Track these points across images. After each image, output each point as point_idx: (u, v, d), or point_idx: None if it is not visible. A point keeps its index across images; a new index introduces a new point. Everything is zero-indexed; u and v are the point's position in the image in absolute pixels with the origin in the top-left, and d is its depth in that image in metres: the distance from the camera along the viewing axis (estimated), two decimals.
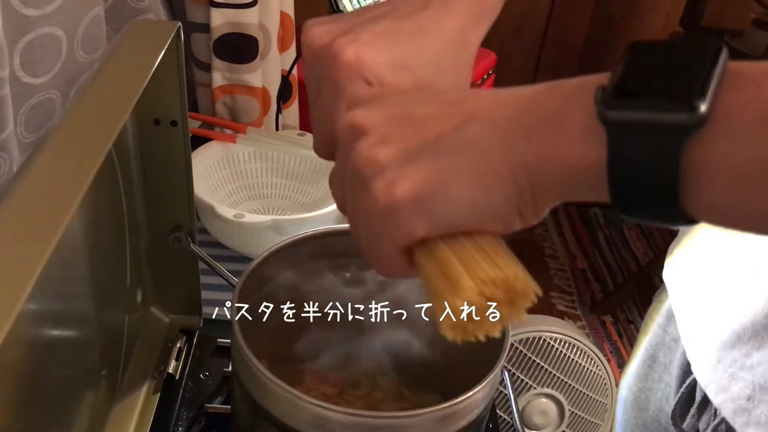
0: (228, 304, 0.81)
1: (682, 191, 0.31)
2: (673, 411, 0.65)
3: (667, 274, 0.72)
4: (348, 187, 0.40)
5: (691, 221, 0.32)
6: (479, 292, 0.36)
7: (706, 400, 0.61)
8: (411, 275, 0.41)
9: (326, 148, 0.47)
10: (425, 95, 0.41)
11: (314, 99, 0.48)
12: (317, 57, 0.45)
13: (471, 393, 0.52)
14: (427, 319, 0.69)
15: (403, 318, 0.69)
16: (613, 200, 0.33)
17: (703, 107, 0.29)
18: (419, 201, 0.36)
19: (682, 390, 0.64)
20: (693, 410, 0.63)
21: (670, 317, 0.71)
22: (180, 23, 0.61)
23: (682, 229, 0.75)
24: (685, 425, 0.63)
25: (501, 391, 0.74)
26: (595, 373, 1.32)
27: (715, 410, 0.59)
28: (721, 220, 0.32)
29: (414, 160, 0.37)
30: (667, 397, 0.71)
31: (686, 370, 0.66)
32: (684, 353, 0.66)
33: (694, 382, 0.63)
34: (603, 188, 0.33)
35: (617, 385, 1.00)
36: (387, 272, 0.42)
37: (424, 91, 0.42)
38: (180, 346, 0.75)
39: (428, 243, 0.38)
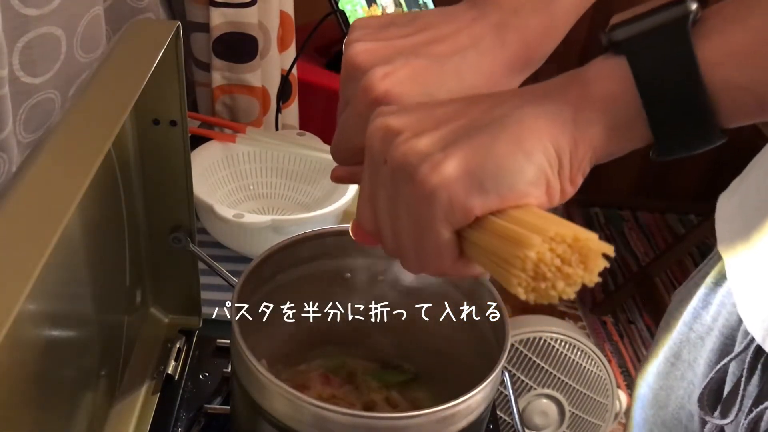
0: (228, 304, 0.81)
1: (706, 90, 0.36)
2: (701, 395, 0.65)
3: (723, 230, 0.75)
4: (385, 194, 0.41)
5: (724, 133, 0.39)
6: (550, 248, 0.36)
7: (735, 390, 0.61)
8: (461, 269, 0.41)
9: (347, 155, 0.48)
10: (446, 101, 0.42)
11: (343, 107, 0.48)
12: (352, 74, 0.46)
13: (471, 394, 0.52)
14: (427, 320, 0.69)
15: (403, 318, 0.69)
16: (652, 127, 0.38)
17: (693, 5, 0.36)
18: (469, 174, 0.38)
19: (711, 375, 0.64)
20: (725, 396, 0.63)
21: (696, 315, 0.71)
22: (179, 23, 0.61)
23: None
24: (715, 414, 0.64)
25: (501, 392, 0.74)
26: (595, 373, 1.32)
27: (742, 400, 0.60)
28: (743, 111, 0.39)
29: (453, 142, 0.38)
30: (690, 394, 0.71)
31: (713, 363, 0.66)
32: (711, 350, 0.66)
33: (724, 371, 0.63)
34: (638, 121, 0.38)
35: (630, 385, 1.01)
36: (437, 266, 0.41)
37: (443, 100, 0.44)
38: (179, 347, 0.75)
39: (480, 222, 0.38)
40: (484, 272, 0.42)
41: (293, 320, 0.69)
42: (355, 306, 0.69)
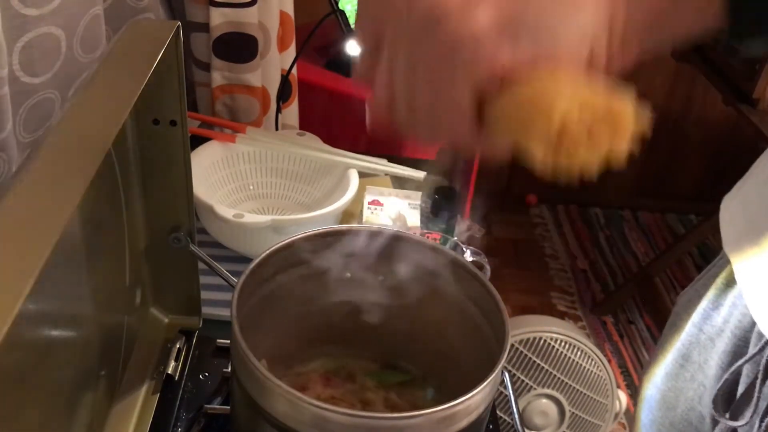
0: (228, 304, 0.81)
1: None
2: (714, 398, 0.64)
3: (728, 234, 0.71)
4: (406, 50, 0.37)
5: None
6: (579, 111, 0.32)
7: (750, 392, 0.61)
8: (479, 140, 0.37)
9: (374, 27, 0.41)
10: None
11: None
12: None
13: (471, 394, 0.52)
14: (427, 320, 0.69)
15: (403, 319, 0.69)
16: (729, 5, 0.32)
17: None
18: (502, 20, 0.33)
19: (726, 377, 0.63)
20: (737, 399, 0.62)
21: (707, 317, 0.70)
22: (179, 23, 0.61)
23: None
24: (728, 414, 0.63)
25: (501, 392, 0.74)
26: (595, 373, 1.32)
27: (757, 402, 0.59)
28: None
29: None
30: (700, 396, 0.70)
31: (726, 365, 0.65)
32: (723, 351, 0.65)
33: (738, 373, 0.63)
34: None
35: (637, 385, 1.00)
36: (452, 130, 0.37)
37: None
38: (179, 347, 0.75)
39: (505, 88, 0.35)
40: (502, 151, 0.37)
41: (293, 320, 0.69)
42: (355, 306, 0.69)
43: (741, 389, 0.63)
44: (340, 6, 1.41)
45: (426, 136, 0.39)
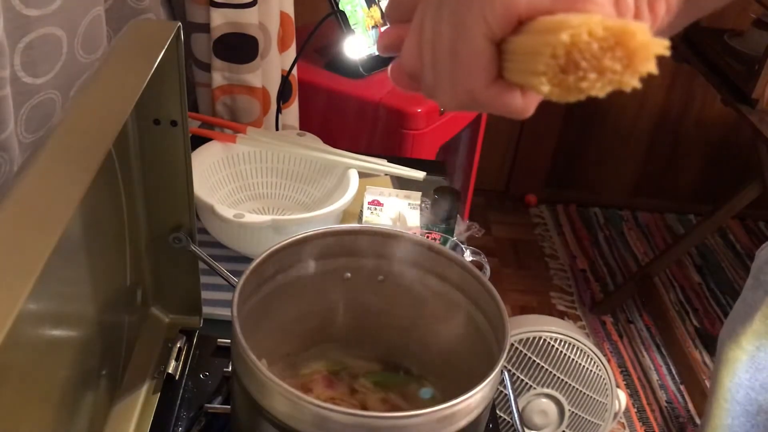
0: (228, 303, 0.81)
1: None
2: None
3: None
4: (432, 13, 0.37)
5: None
6: (589, 31, 0.31)
7: None
8: (497, 93, 0.36)
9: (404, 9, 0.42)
10: None
11: None
12: None
13: (471, 393, 0.52)
14: (427, 320, 0.69)
15: (403, 318, 0.69)
16: None
17: None
18: None
19: None
20: None
21: None
22: (180, 23, 0.61)
23: None
24: None
25: (501, 392, 0.74)
26: (595, 373, 1.32)
27: None
28: None
29: None
30: None
31: None
32: None
33: None
34: None
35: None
36: (470, 83, 0.36)
37: None
38: (180, 346, 0.75)
39: (521, 29, 0.34)
40: (524, 103, 0.36)
41: (293, 320, 0.70)
42: (355, 306, 0.69)
43: None
44: (340, 6, 1.42)
45: (446, 92, 0.38)
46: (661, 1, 0.34)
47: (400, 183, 1.09)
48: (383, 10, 1.45)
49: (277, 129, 1.26)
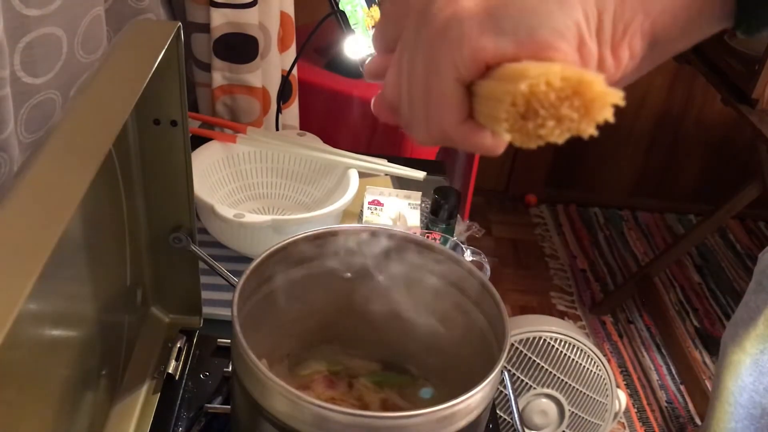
0: (228, 303, 0.81)
1: None
2: None
3: None
4: (409, 47, 0.38)
5: None
6: (546, 82, 0.32)
7: None
8: (468, 132, 0.38)
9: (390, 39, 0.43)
10: None
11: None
12: None
13: (471, 393, 0.52)
14: (427, 320, 0.69)
15: (403, 319, 0.69)
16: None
17: None
18: (486, 11, 0.34)
19: None
20: None
21: None
22: (180, 23, 0.61)
23: None
24: None
25: (501, 392, 0.74)
26: (595, 373, 1.32)
27: None
28: None
29: None
30: None
31: None
32: None
33: None
34: None
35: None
36: (441, 122, 0.38)
37: None
38: (180, 346, 0.76)
39: (490, 74, 0.36)
40: (494, 143, 0.38)
41: (294, 320, 0.70)
42: (355, 306, 0.69)
43: None
44: (340, 6, 1.41)
45: (419, 127, 0.40)
46: (624, 48, 0.35)
47: (400, 183, 1.09)
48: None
49: (277, 129, 1.26)
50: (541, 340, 1.28)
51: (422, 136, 0.40)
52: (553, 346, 1.29)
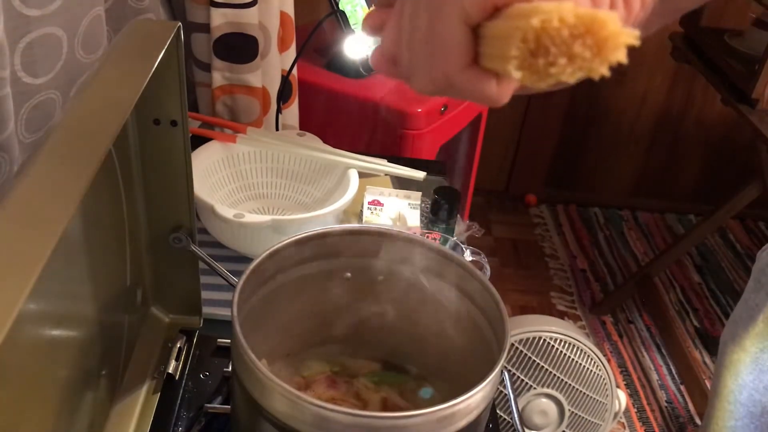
0: (228, 303, 0.81)
1: None
2: None
3: None
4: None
5: None
6: (560, 18, 0.31)
7: None
8: (473, 78, 0.36)
9: None
10: None
11: None
12: None
13: (471, 393, 0.52)
14: (427, 320, 0.69)
15: (403, 318, 0.69)
16: None
17: None
18: None
19: None
20: None
21: None
22: (180, 23, 0.61)
23: None
24: None
25: (501, 391, 0.74)
26: (595, 373, 1.32)
27: None
28: None
29: None
30: None
31: None
32: None
33: None
34: None
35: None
36: (445, 66, 0.36)
37: None
38: (180, 346, 0.76)
39: (498, 14, 0.35)
40: (499, 90, 0.37)
41: (293, 320, 0.70)
42: (356, 306, 0.69)
43: None
44: (341, 6, 1.42)
45: (422, 75, 0.38)
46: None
47: (400, 183, 1.09)
48: None
49: (277, 129, 1.26)
50: (541, 340, 1.29)
51: (424, 83, 0.38)
52: (553, 346, 1.29)
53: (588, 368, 1.31)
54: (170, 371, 0.73)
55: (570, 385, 1.31)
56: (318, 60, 1.51)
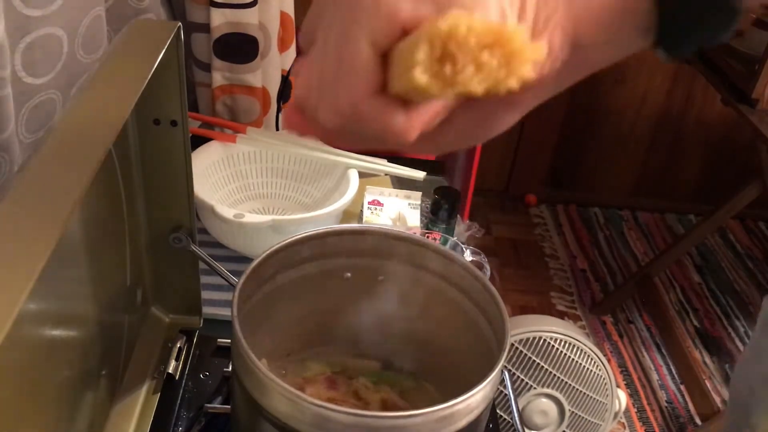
0: (228, 303, 0.81)
1: None
2: None
3: None
4: (324, 24, 0.36)
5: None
6: (468, 26, 0.31)
7: None
8: (380, 108, 0.35)
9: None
10: None
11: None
12: None
13: (471, 393, 0.52)
14: (427, 320, 0.69)
15: (403, 318, 0.69)
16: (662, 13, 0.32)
17: None
18: None
19: None
20: None
21: None
22: (180, 23, 0.61)
23: None
24: None
25: (501, 391, 0.74)
26: (595, 373, 1.32)
27: None
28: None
29: None
30: None
31: None
32: None
33: None
34: None
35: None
36: (351, 94, 0.35)
37: None
38: (180, 346, 0.76)
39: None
40: (406, 122, 0.35)
41: (293, 320, 0.70)
42: (355, 306, 0.69)
43: None
44: None
45: (328, 107, 0.36)
46: (545, 41, 0.34)
47: (400, 183, 1.09)
48: None
49: (277, 129, 1.26)
50: (541, 340, 1.29)
51: (329, 115, 0.36)
52: (553, 346, 1.29)
53: (588, 368, 1.31)
54: (170, 371, 0.73)
55: (570, 385, 1.31)
56: None
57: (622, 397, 1.41)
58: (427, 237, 0.90)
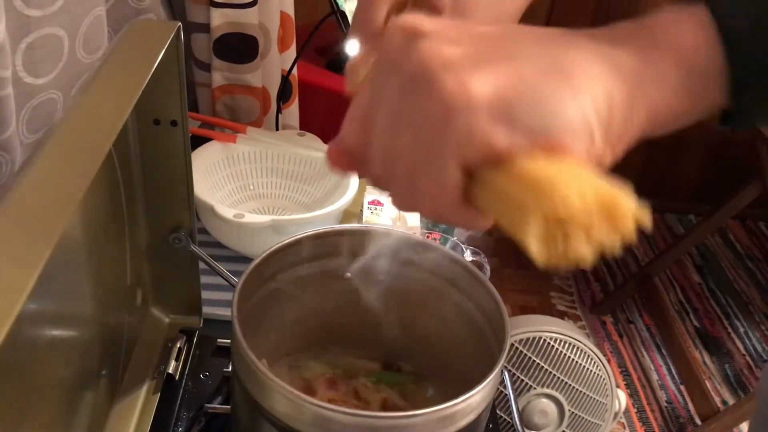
0: (228, 303, 0.81)
1: None
2: None
3: None
4: (389, 107, 0.34)
5: None
6: (581, 195, 0.30)
7: None
8: (463, 216, 0.35)
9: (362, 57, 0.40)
10: (492, 25, 0.36)
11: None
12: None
13: (471, 393, 0.53)
14: (427, 320, 0.69)
15: (403, 318, 0.69)
16: (734, 87, 0.33)
17: None
18: (499, 100, 0.31)
19: None
20: None
21: None
22: (180, 23, 0.61)
23: None
24: None
25: (501, 392, 0.74)
26: (595, 373, 1.32)
27: None
28: None
29: (489, 61, 0.32)
30: None
31: None
32: None
33: None
34: (715, 80, 0.33)
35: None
36: (433, 207, 0.35)
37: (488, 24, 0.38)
38: (180, 346, 0.76)
39: (498, 165, 0.33)
40: (487, 225, 0.36)
41: (294, 320, 0.70)
42: (355, 306, 0.69)
43: None
44: (341, 6, 1.41)
45: (400, 197, 0.36)
46: (624, 145, 0.34)
47: None
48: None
49: (277, 129, 1.26)
50: (541, 340, 1.29)
51: (405, 205, 0.37)
52: (553, 346, 1.29)
53: (588, 368, 1.31)
54: (170, 371, 0.73)
55: (570, 385, 1.31)
56: (318, 60, 1.51)
57: (622, 398, 1.41)
58: (428, 237, 0.90)
